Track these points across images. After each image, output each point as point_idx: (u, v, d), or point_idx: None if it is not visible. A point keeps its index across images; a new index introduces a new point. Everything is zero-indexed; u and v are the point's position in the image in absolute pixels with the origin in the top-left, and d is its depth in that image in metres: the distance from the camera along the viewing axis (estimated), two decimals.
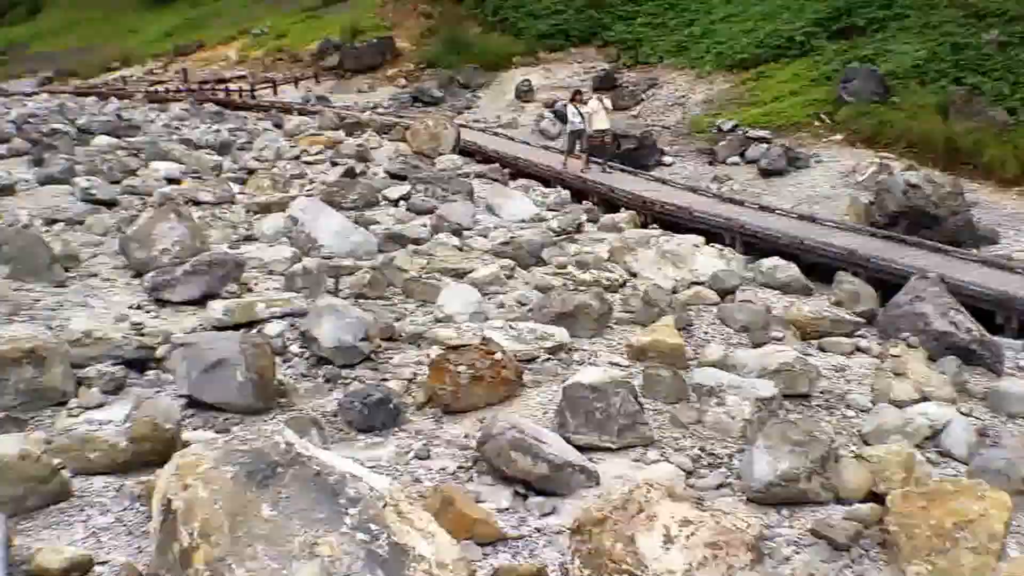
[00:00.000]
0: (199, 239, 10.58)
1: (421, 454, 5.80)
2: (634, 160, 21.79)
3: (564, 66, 33.68)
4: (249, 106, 30.48)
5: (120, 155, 16.61)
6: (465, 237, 12.98)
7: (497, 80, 34.00)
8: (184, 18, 71.94)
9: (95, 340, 7.06)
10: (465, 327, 8.37)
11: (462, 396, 6.42)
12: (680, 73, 30.08)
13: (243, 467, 3.55)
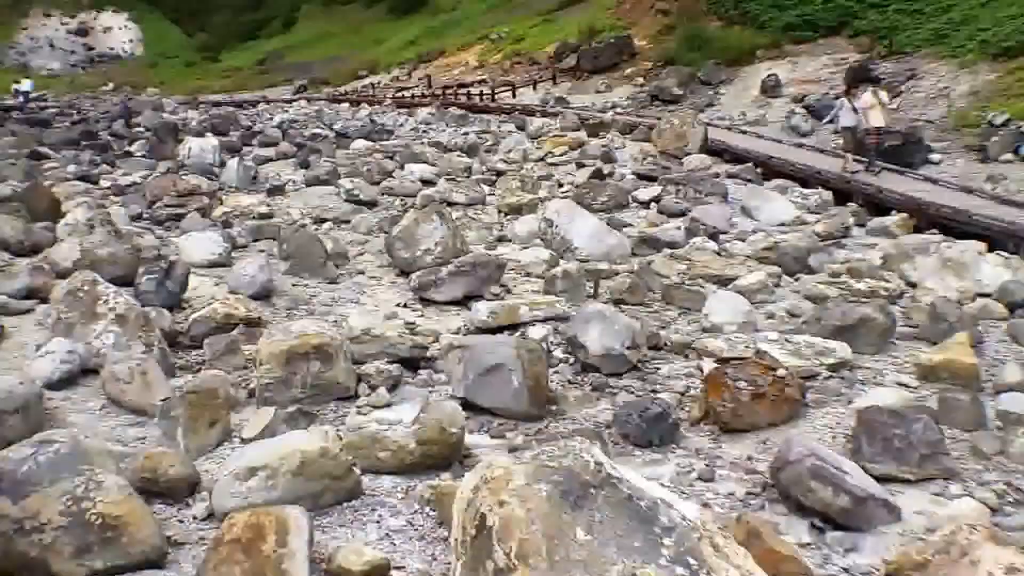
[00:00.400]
0: (459, 240, 10.85)
1: (705, 475, 5.47)
2: (899, 158, 20.15)
3: (811, 58, 31.82)
4: (491, 109, 31.30)
5: (377, 158, 17.44)
6: (722, 241, 12.53)
7: (740, 75, 32.68)
8: (426, 27, 75.13)
9: (373, 338, 7.32)
10: (735, 338, 7.99)
11: (743, 414, 6.07)
12: (940, 63, 27.72)
13: (556, 486, 3.41)
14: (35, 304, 8.05)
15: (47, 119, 32.86)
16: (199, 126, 25.87)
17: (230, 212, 12.55)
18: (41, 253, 10.01)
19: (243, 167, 16.07)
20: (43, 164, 17.87)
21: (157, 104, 38.94)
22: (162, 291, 8.16)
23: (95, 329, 6.45)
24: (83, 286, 6.60)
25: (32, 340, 6.97)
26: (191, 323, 7.57)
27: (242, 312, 7.80)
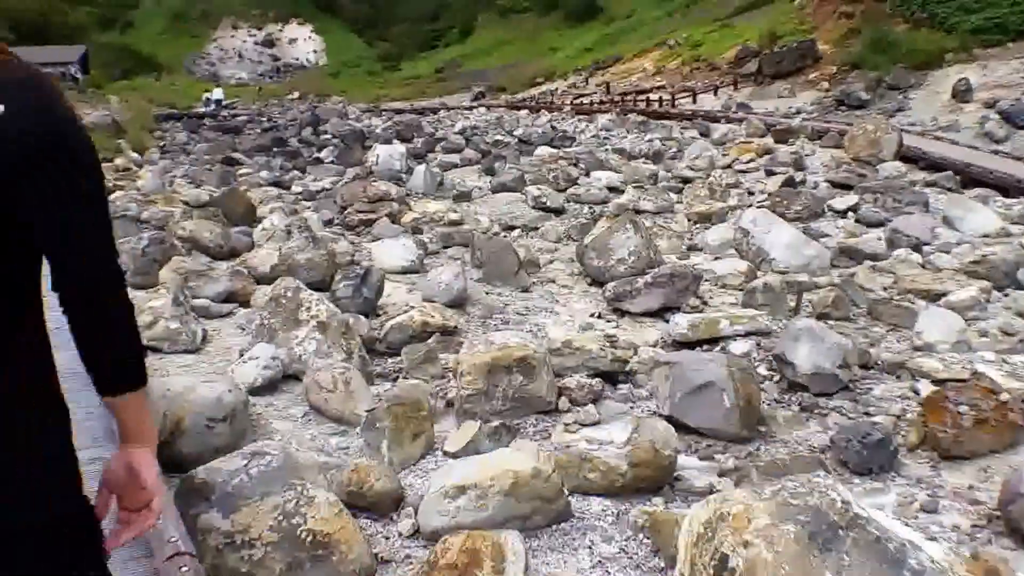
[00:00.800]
0: (652, 250, 10.42)
1: (928, 506, 4.94)
2: None
3: (1002, 63, 29.80)
4: (671, 115, 30.66)
5: (561, 165, 17.21)
6: (926, 253, 11.60)
7: (928, 80, 30.93)
8: (601, 34, 75.09)
9: (574, 350, 7.00)
10: (949, 358, 7.26)
11: (964, 440, 5.42)
12: None
13: (803, 527, 3.10)
14: (235, 308, 8.19)
15: (238, 126, 34.65)
16: (384, 133, 26.49)
17: (419, 218, 12.56)
18: (239, 257, 10.29)
19: (430, 173, 16.18)
20: (237, 170, 18.65)
21: (342, 111, 40.34)
22: (358, 297, 8.12)
23: (297, 335, 6.40)
24: (286, 292, 6.58)
25: (234, 344, 7.04)
26: (388, 330, 7.47)
27: (438, 320, 7.65)
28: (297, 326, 6.45)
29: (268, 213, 12.73)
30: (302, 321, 6.46)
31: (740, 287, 9.89)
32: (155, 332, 6.62)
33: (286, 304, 6.52)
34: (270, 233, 10.35)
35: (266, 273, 8.91)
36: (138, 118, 33.01)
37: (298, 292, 6.57)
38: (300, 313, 6.48)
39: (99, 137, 23.90)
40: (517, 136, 26.24)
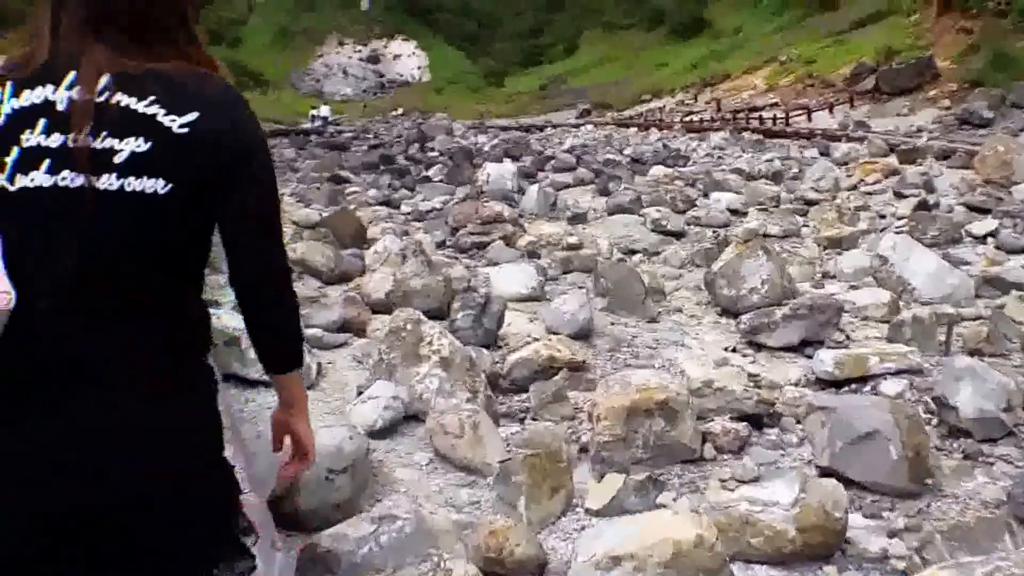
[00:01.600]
0: (786, 278, 9.75)
1: None
2: None
3: None
4: (787, 133, 29.62)
5: (678, 185, 16.57)
6: None
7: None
8: (709, 50, 73.95)
9: (716, 391, 6.41)
10: None
11: None
12: None
13: None
14: (349, 338, 7.85)
15: (344, 143, 34.96)
16: (492, 151, 26.24)
17: (535, 241, 12.10)
18: (351, 282, 10.00)
19: (543, 194, 15.74)
20: (345, 188, 18.55)
21: (448, 128, 40.39)
22: (479, 328, 7.70)
23: (418, 372, 5.99)
24: (406, 325, 6.17)
25: (350, 379, 6.67)
26: (512, 365, 7.01)
27: (565, 354, 7.15)
28: (418, 362, 6.04)
29: (379, 234, 12.46)
30: (423, 356, 6.05)
31: (884, 320, 9.15)
32: None
33: (406, 338, 6.12)
34: (383, 257, 10.02)
35: (380, 299, 8.57)
36: None
37: (419, 325, 6.16)
38: (421, 348, 6.07)
39: None
40: (628, 155, 25.66)
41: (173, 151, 1.67)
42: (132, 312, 1.72)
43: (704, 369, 6.84)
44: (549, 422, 6.20)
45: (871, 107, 35.38)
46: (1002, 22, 34.31)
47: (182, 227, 1.75)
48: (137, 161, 1.65)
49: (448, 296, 8.80)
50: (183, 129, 1.67)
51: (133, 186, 1.65)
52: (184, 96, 1.69)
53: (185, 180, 1.69)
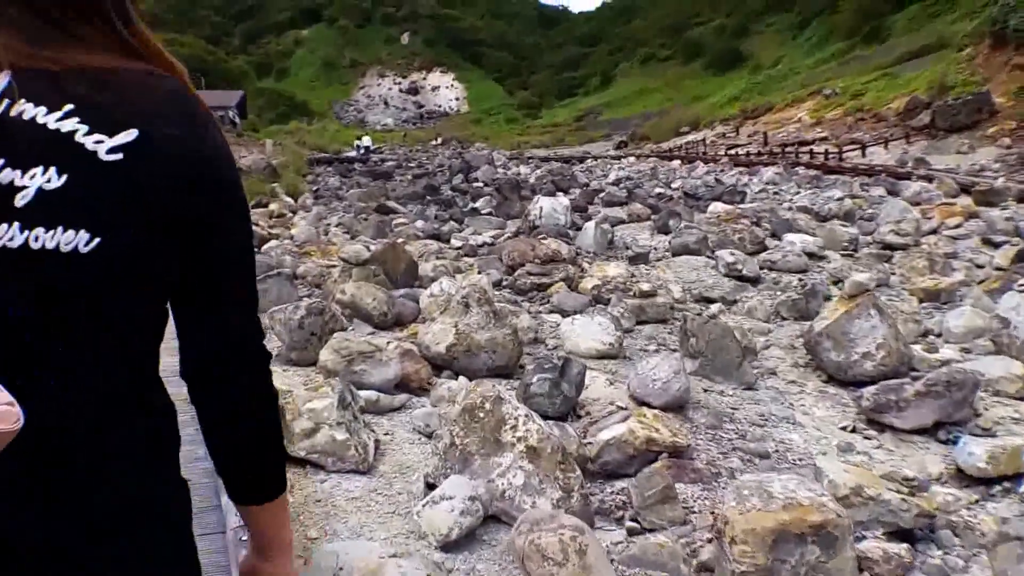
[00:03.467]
0: (902, 342, 8.37)
1: None
2: None
3: None
4: (844, 169, 28.12)
5: (744, 224, 15.18)
6: None
7: None
8: (750, 82, 72.75)
9: (865, 500, 5.07)
10: None
11: None
12: None
13: None
14: (408, 399, 6.59)
15: (388, 171, 34.00)
16: (538, 182, 25.00)
17: (601, 285, 10.80)
18: (405, 327, 8.77)
19: (600, 231, 14.45)
20: (392, 219, 17.41)
21: (489, 158, 39.30)
22: (556, 395, 6.40)
23: (500, 463, 4.70)
24: (484, 403, 4.89)
25: (413, 460, 5.38)
26: (602, 447, 5.69)
27: (666, 436, 5.82)
28: (499, 450, 4.75)
29: (431, 271, 11.25)
30: (505, 444, 4.76)
31: (1019, 396, 7.78)
32: (317, 443, 5.03)
33: (484, 419, 4.83)
34: (441, 302, 8.75)
35: (441, 353, 7.30)
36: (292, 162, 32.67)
37: (499, 405, 4.87)
38: (503, 433, 4.78)
39: (254, 181, 23.30)
40: (678, 188, 24.33)
41: (100, 187, 1.14)
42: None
43: (847, 474, 5.46)
44: (657, 529, 4.91)
45: (928, 143, 33.79)
46: None
47: (120, 299, 1.19)
48: (48, 203, 1.12)
49: (516, 351, 7.53)
50: (114, 155, 1.14)
51: (43, 241, 1.12)
52: (118, 105, 1.17)
53: (119, 230, 1.15)
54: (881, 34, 62.17)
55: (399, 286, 10.23)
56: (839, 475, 5.31)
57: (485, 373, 7.28)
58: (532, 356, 8.05)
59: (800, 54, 76.84)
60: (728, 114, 61.34)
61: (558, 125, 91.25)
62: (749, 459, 6.08)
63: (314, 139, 58.73)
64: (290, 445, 4.98)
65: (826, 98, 49.11)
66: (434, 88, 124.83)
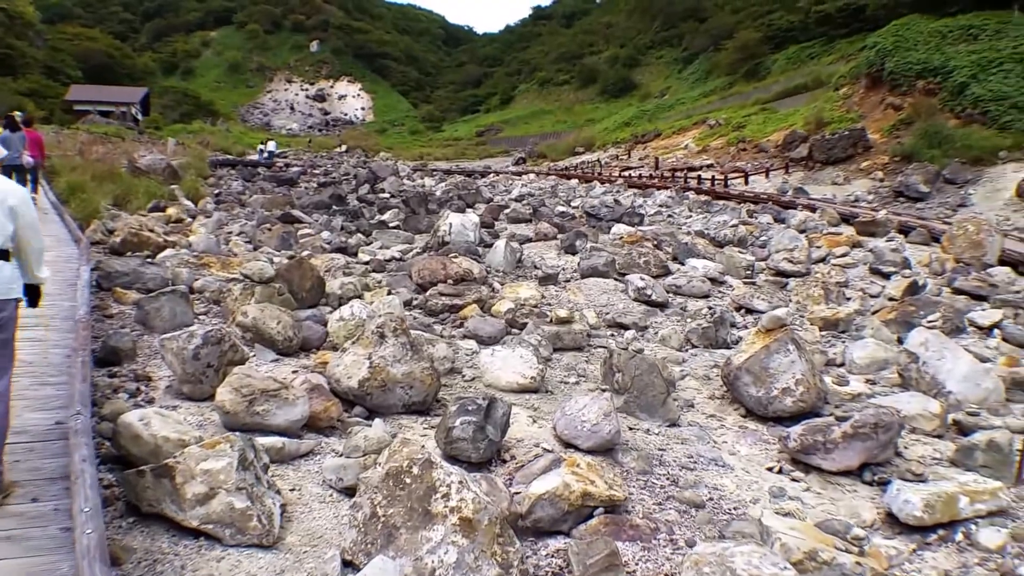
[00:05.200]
0: (818, 377, 7.88)
1: None
2: None
3: None
4: (731, 195, 28.14)
5: (649, 247, 14.69)
6: None
7: (985, 176, 28.73)
8: (639, 109, 73.44)
9: (820, 565, 4.46)
10: None
11: None
12: None
13: None
14: (317, 443, 5.65)
15: (293, 178, 32.43)
16: (445, 196, 24.09)
17: (515, 309, 10.03)
18: (313, 352, 7.79)
19: (509, 249, 13.69)
20: (297, 230, 16.24)
21: (395, 169, 38.12)
22: (481, 439, 5.58)
23: (429, 538, 3.87)
24: (411, 467, 4.04)
25: (326, 529, 4.44)
26: (534, 502, 4.90)
27: (602, 489, 5.08)
28: (429, 522, 3.91)
29: (338, 289, 10.26)
30: (436, 515, 3.92)
31: (935, 434, 7.39)
32: (213, 511, 4.06)
33: (412, 487, 3.98)
34: (351, 327, 7.81)
35: (353, 388, 6.38)
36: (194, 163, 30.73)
37: (429, 470, 4.03)
38: (433, 502, 3.94)
39: (152, 183, 21.60)
40: (578, 207, 23.81)
41: None
42: None
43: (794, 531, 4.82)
44: None
45: (805, 174, 34.34)
46: (931, 100, 33.75)
47: None
48: None
49: (435, 386, 6.67)
50: None
51: None
52: None
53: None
54: (760, 72, 63.62)
55: (305, 305, 9.23)
56: (787, 535, 4.68)
57: (401, 410, 6.42)
58: (449, 389, 7.22)
59: (686, 86, 78.13)
60: (620, 137, 61.62)
61: (459, 139, 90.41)
62: (686, 510, 5.41)
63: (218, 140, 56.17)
64: (180, 513, 4.02)
65: (710, 128, 49.72)
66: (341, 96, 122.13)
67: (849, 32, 56.02)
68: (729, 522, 5.27)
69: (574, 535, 4.86)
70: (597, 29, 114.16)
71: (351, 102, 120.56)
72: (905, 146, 31.89)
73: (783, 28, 66.44)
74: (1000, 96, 31.40)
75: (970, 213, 24.69)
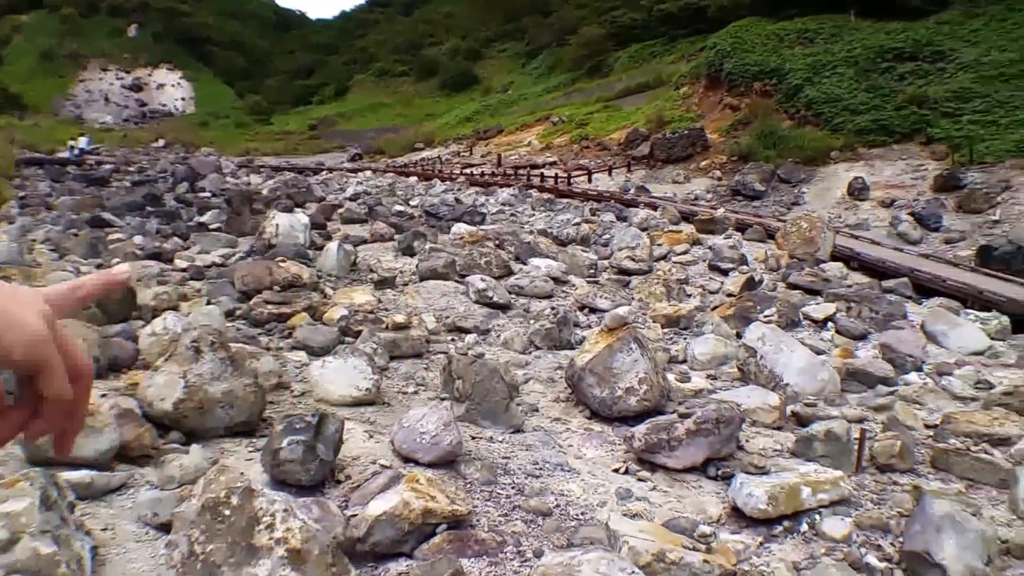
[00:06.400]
0: (661, 375, 8.12)
1: None
2: None
3: (887, 163, 30.43)
4: (575, 194, 28.80)
5: (490, 247, 14.75)
6: (924, 375, 9.96)
7: (818, 176, 31.00)
8: (481, 104, 74.04)
9: (668, 565, 4.55)
10: None
11: None
12: None
13: None
14: (129, 474, 5.30)
15: (104, 176, 30.70)
16: (273, 195, 23.40)
17: (348, 315, 9.81)
18: (123, 374, 7.33)
19: (343, 252, 13.42)
20: (107, 235, 15.33)
21: (217, 165, 36.74)
22: (312, 460, 5.38)
23: (255, 574, 3.66)
24: (229, 498, 3.81)
25: (145, 572, 4.16)
26: (372, 524, 4.76)
27: (443, 505, 5.00)
28: (253, 557, 3.71)
29: (151, 300, 9.73)
30: (260, 549, 3.72)
31: (775, 425, 7.77)
32: (16, 559, 3.67)
33: (232, 520, 3.76)
34: (166, 343, 7.39)
35: (167, 411, 6.02)
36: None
37: (250, 499, 3.82)
38: (257, 535, 3.74)
39: None
40: (417, 206, 23.70)
41: None
42: None
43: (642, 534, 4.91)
44: None
45: (647, 172, 35.65)
46: (767, 101, 35.76)
47: None
48: None
49: (260, 404, 6.41)
50: None
51: None
52: None
53: None
54: (603, 69, 65.46)
55: (114, 320, 8.68)
56: (634, 537, 4.76)
57: (223, 432, 6.12)
58: (276, 406, 6.96)
59: (529, 81, 79.42)
60: (461, 133, 61.93)
61: (290, 133, 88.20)
62: (533, 519, 5.42)
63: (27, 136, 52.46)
64: None
65: (553, 125, 50.75)
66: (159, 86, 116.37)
67: (690, 32, 58.60)
68: (577, 528, 5.32)
69: (416, 556, 4.77)
70: (437, 19, 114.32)
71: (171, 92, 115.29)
72: (742, 146, 33.81)
73: (626, 25, 68.65)
74: (833, 98, 33.71)
75: (804, 211, 26.36)
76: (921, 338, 11.55)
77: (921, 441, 7.62)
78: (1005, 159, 27.26)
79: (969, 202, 25.34)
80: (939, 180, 27.21)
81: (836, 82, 34.56)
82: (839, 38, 38.95)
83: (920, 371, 10.21)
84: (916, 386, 9.47)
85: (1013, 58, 31.94)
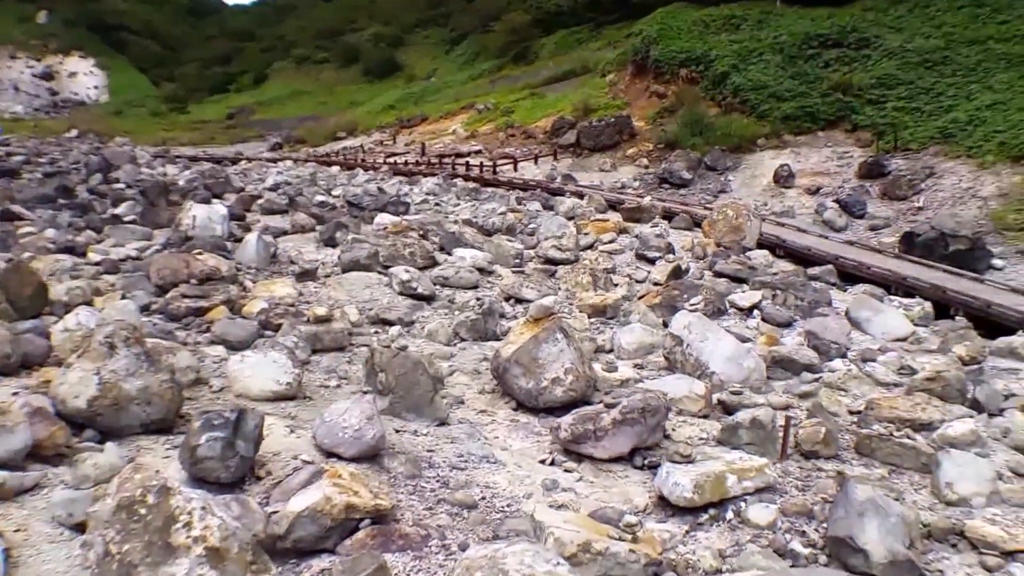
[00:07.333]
0: (588, 365, 8.23)
1: None
2: (964, 263, 18.39)
3: (813, 150, 31.05)
4: (500, 183, 28.85)
5: (414, 238, 14.70)
6: (849, 360, 10.31)
7: (744, 163, 31.50)
8: (405, 91, 73.42)
9: (594, 555, 4.65)
10: (1000, 519, 5.71)
11: None
12: (958, 162, 26.62)
13: None
14: (43, 474, 5.19)
15: (15, 168, 29.66)
16: (190, 186, 22.92)
17: (268, 309, 9.71)
18: (34, 371, 7.14)
19: (263, 243, 13.25)
20: (17, 228, 14.86)
21: (132, 155, 35.82)
22: (231, 456, 5.33)
23: (173, 574, 3.63)
24: (145, 496, 3.78)
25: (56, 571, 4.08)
26: (294, 521, 4.75)
27: (366, 499, 5.02)
28: (170, 556, 3.67)
29: (64, 295, 9.49)
30: (178, 548, 3.69)
31: (701, 413, 7.94)
32: None
33: (148, 518, 3.72)
34: (79, 340, 7.21)
35: (81, 409, 5.90)
36: None
37: (166, 497, 3.79)
38: (174, 533, 3.71)
39: None
40: (339, 196, 23.47)
41: None
42: None
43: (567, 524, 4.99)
44: None
45: (573, 161, 35.86)
46: (694, 89, 36.21)
47: None
48: None
49: (176, 400, 6.32)
50: None
51: None
52: None
53: None
54: (529, 56, 65.42)
55: (26, 316, 8.45)
56: (560, 528, 4.83)
57: (139, 430, 6.02)
58: (195, 402, 6.86)
59: (453, 68, 78.94)
60: (384, 122, 61.37)
61: (207, 122, 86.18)
62: (457, 512, 5.46)
63: None
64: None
65: (479, 112, 50.65)
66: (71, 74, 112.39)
67: (617, 19, 58.79)
68: (503, 520, 5.38)
69: (339, 551, 4.77)
70: (359, 4, 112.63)
71: (83, 80, 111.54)
72: (669, 134, 34.17)
73: (552, 11, 68.48)
74: (759, 86, 34.21)
75: (730, 199, 26.86)
76: (846, 325, 11.90)
77: (845, 427, 7.85)
78: (929, 145, 27.86)
79: (893, 189, 25.98)
80: (864, 167, 27.79)
81: (762, 69, 35.06)
82: (765, 24, 39.55)
83: (844, 358, 10.53)
84: (840, 373, 9.73)
85: (936, 45, 32.62)
